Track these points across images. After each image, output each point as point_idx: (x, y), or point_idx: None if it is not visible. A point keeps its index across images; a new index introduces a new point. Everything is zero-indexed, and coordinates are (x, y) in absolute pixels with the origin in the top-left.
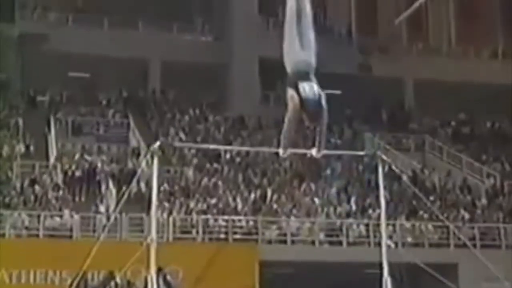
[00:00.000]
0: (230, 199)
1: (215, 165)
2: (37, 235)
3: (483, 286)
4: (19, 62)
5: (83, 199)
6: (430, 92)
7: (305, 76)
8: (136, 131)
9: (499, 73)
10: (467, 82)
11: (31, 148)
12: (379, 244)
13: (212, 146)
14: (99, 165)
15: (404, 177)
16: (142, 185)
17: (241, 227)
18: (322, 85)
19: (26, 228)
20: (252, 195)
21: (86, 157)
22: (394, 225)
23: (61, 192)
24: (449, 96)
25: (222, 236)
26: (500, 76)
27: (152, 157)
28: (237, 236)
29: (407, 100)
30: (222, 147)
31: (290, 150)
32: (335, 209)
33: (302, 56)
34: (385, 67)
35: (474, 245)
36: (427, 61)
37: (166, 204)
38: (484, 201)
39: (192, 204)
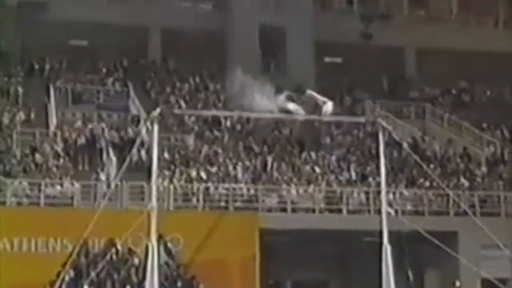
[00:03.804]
0: (231, 167)
1: (216, 133)
2: (38, 203)
3: (482, 254)
4: (19, 30)
5: (83, 167)
6: (431, 60)
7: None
8: (136, 99)
9: (500, 42)
10: (468, 50)
11: (31, 116)
12: (379, 212)
13: (211, 113)
14: (99, 133)
15: (405, 145)
16: (143, 153)
17: (241, 195)
18: (323, 54)
19: (27, 196)
20: (253, 163)
21: (87, 125)
22: (394, 193)
23: (61, 160)
24: (450, 65)
25: (223, 204)
26: (501, 45)
27: (152, 124)
28: (238, 204)
29: (408, 68)
30: (221, 113)
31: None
32: (335, 177)
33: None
34: (386, 35)
35: (474, 213)
36: (428, 30)
37: (167, 172)
38: (484, 169)
39: (192, 172)
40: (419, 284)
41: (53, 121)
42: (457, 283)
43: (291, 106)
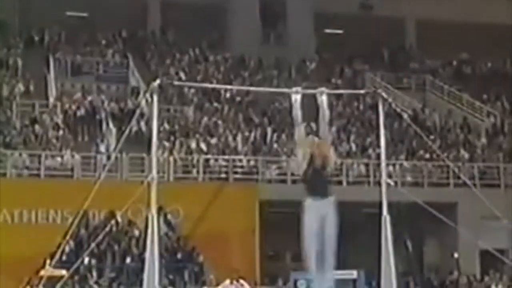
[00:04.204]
0: (230, 138)
1: (215, 104)
2: (38, 175)
3: (482, 225)
4: (17, 2)
5: (83, 138)
6: (431, 32)
7: None
8: (135, 71)
9: (501, 14)
10: (469, 22)
11: (31, 87)
12: (378, 184)
13: (211, 85)
14: (99, 105)
15: (405, 116)
16: (142, 124)
17: (241, 166)
18: (323, 25)
19: (27, 168)
20: (252, 135)
21: (86, 96)
22: (394, 165)
23: (61, 132)
24: (450, 36)
25: (223, 175)
26: (502, 17)
27: (151, 96)
28: (238, 176)
29: (408, 40)
30: (220, 86)
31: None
32: (335, 148)
33: None
34: (387, 6)
35: (474, 184)
36: (428, 1)
37: (167, 144)
38: (484, 140)
39: (192, 144)
40: (418, 255)
41: (52, 92)
42: (455, 255)
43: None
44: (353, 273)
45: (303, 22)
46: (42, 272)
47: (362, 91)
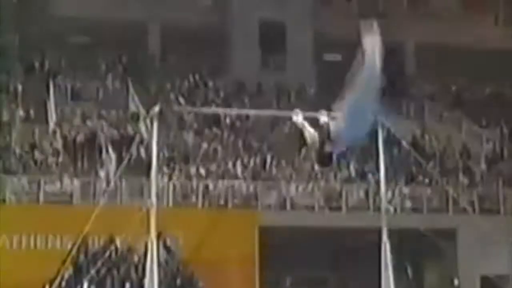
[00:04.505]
0: (230, 164)
1: (215, 130)
2: (37, 201)
3: (481, 251)
4: (18, 26)
5: (83, 164)
6: (430, 57)
7: None
8: (135, 96)
9: (499, 39)
10: (468, 47)
11: (31, 113)
12: (378, 209)
13: (211, 110)
14: (98, 130)
15: (404, 142)
16: (142, 150)
17: (241, 192)
18: (322, 51)
19: (26, 193)
20: (252, 161)
21: (86, 122)
22: (393, 190)
23: (61, 158)
24: (449, 61)
25: (222, 201)
26: (501, 42)
27: (151, 122)
28: (237, 202)
29: (407, 65)
30: (220, 110)
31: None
32: (334, 174)
33: None
34: (385, 32)
35: (473, 210)
36: (427, 26)
37: (166, 169)
38: (483, 166)
39: (192, 169)
40: (419, 282)
41: (52, 118)
42: (456, 282)
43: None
44: None
45: (303, 47)
46: None
47: None
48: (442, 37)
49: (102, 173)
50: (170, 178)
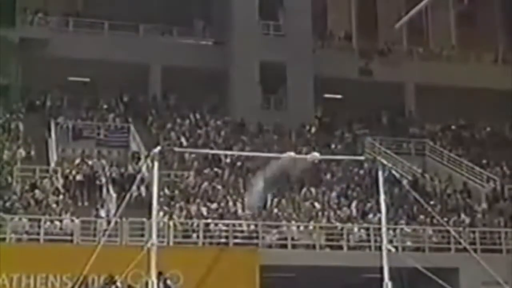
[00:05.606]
0: (231, 203)
1: (216, 169)
2: (38, 240)
3: None
4: (20, 66)
5: (83, 203)
6: (430, 96)
7: None
8: (136, 135)
9: (499, 78)
10: (468, 86)
11: (32, 152)
12: (379, 249)
13: (211, 151)
14: (99, 169)
15: (405, 182)
16: (143, 189)
17: (241, 231)
18: (323, 90)
19: (27, 232)
20: None
21: (87, 161)
22: (394, 230)
23: (61, 197)
24: (449, 101)
25: (223, 240)
26: (500, 81)
27: (152, 162)
28: (238, 241)
29: (408, 105)
30: (221, 152)
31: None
32: (335, 213)
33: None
34: (386, 71)
35: (475, 250)
36: (427, 66)
37: (167, 209)
38: (484, 205)
39: (192, 209)
40: None
41: (53, 157)
42: None
43: None
44: None
45: (303, 87)
46: None
47: (362, 158)
48: (442, 76)
49: (102, 212)
50: (171, 217)
